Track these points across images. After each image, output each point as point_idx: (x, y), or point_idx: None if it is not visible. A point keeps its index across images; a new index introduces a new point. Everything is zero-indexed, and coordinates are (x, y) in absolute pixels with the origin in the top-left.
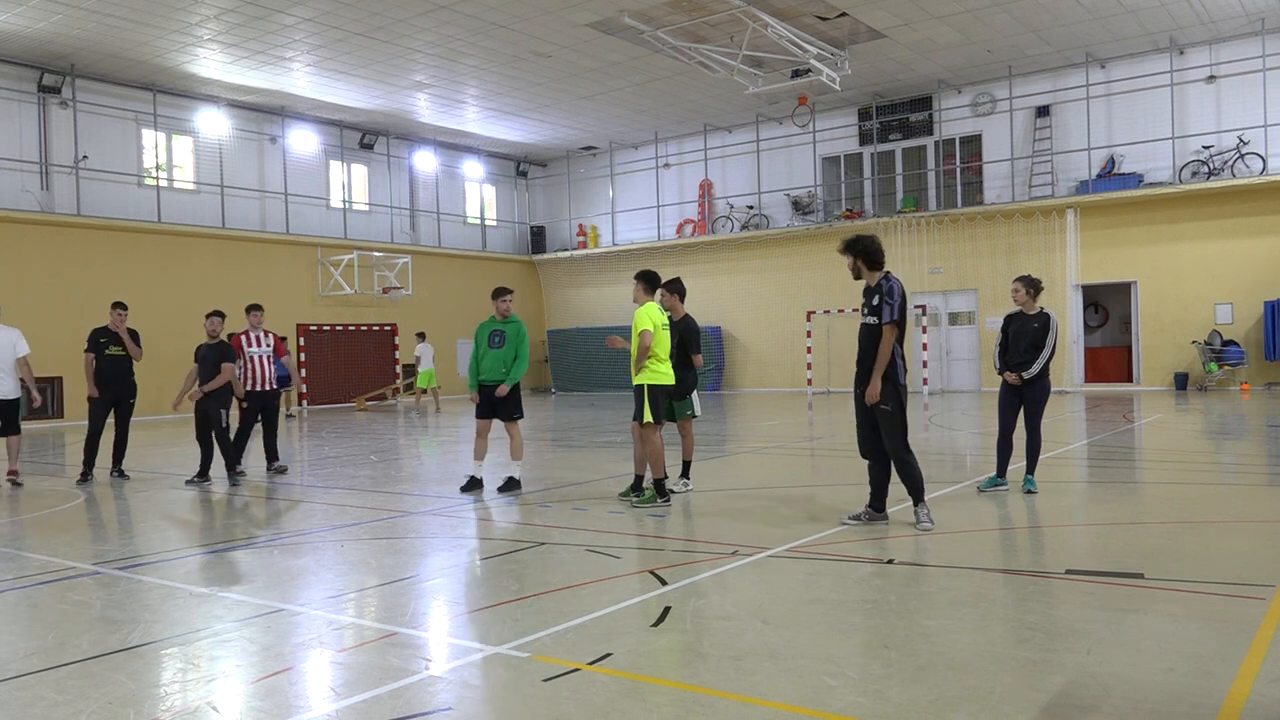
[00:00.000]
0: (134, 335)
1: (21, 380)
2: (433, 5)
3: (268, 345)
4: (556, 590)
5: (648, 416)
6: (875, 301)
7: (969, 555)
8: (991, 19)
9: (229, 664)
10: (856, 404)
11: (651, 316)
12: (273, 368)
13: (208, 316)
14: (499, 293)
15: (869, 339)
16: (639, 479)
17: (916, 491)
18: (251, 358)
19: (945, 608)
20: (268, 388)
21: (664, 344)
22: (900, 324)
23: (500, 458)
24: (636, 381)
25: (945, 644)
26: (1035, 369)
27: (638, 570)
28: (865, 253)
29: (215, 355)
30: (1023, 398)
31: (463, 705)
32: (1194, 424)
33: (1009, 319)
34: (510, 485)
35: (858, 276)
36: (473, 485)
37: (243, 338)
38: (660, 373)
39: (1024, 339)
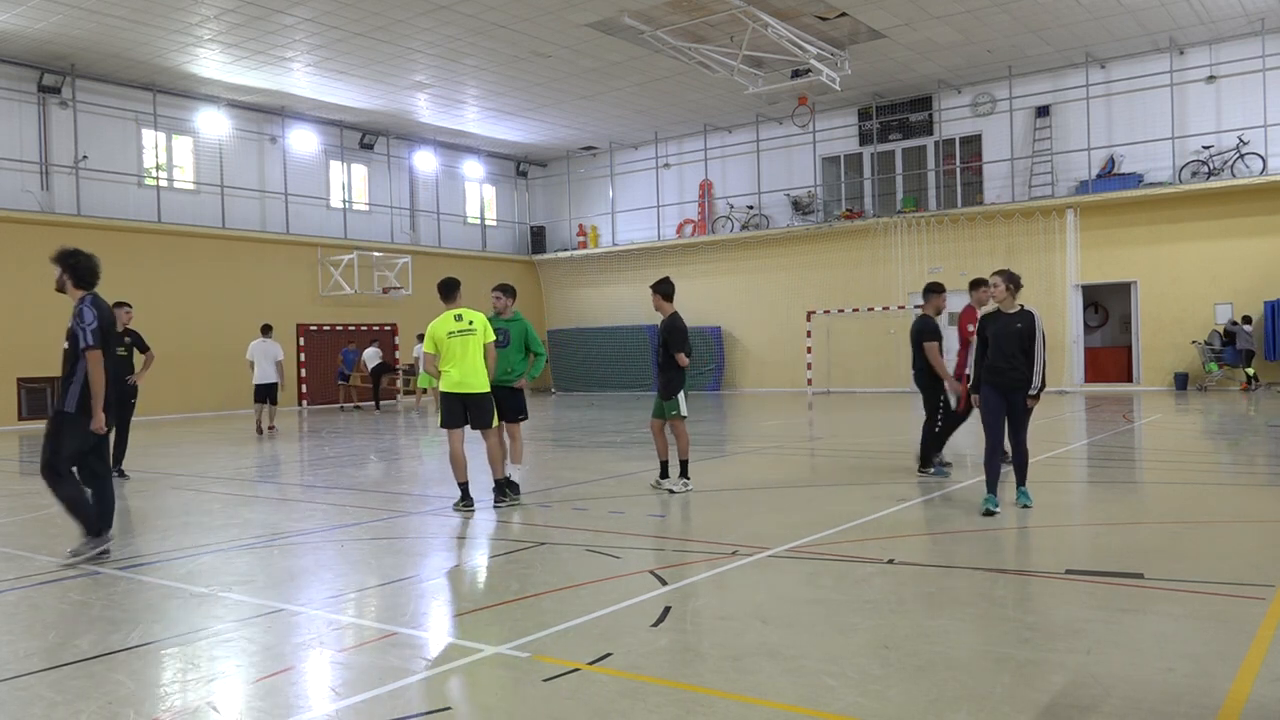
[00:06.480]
0: (137, 338)
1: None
2: (433, 5)
3: None
4: (556, 590)
5: (441, 422)
6: (71, 324)
7: (969, 555)
8: (991, 19)
9: (229, 664)
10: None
11: (432, 329)
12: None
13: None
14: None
15: (70, 358)
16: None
17: (87, 523)
18: None
19: (945, 608)
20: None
21: (452, 352)
22: (98, 347)
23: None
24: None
25: (945, 644)
26: (1039, 380)
27: (638, 570)
28: (73, 269)
29: None
30: (1010, 405)
31: (463, 705)
32: (1194, 424)
33: (985, 320)
34: (512, 489)
35: (61, 290)
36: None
37: None
38: (446, 379)
39: (1008, 341)
